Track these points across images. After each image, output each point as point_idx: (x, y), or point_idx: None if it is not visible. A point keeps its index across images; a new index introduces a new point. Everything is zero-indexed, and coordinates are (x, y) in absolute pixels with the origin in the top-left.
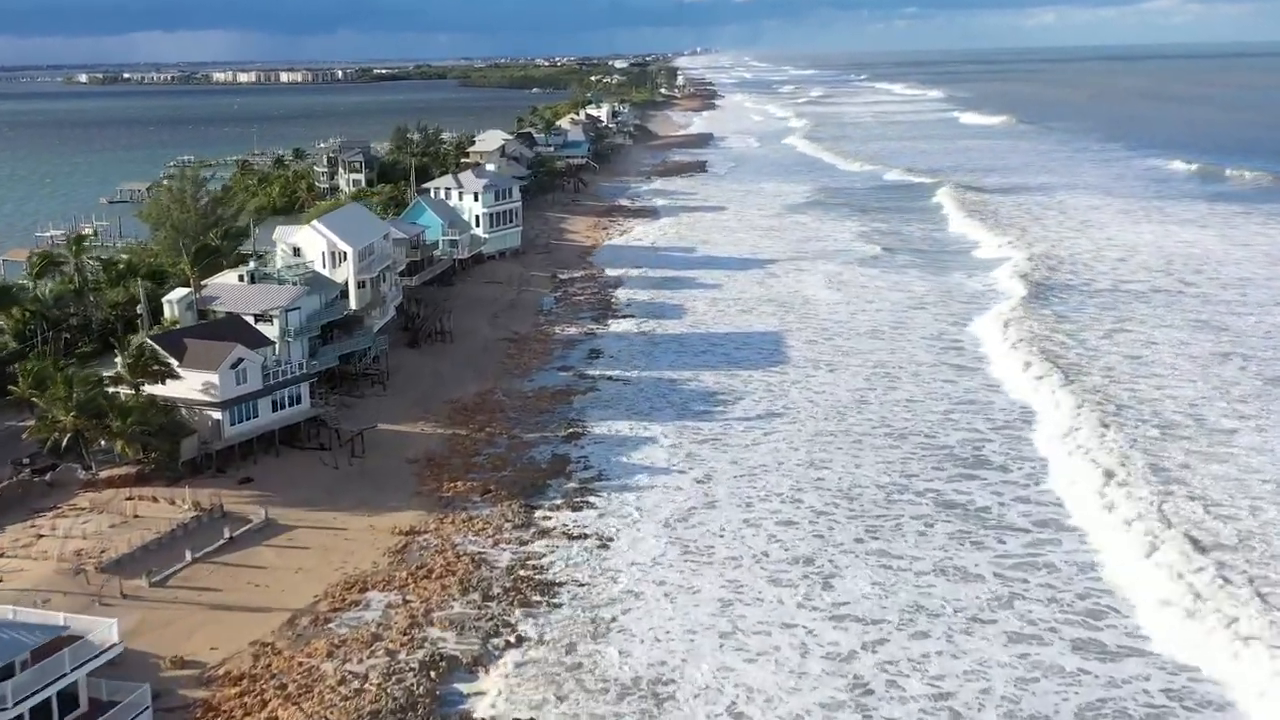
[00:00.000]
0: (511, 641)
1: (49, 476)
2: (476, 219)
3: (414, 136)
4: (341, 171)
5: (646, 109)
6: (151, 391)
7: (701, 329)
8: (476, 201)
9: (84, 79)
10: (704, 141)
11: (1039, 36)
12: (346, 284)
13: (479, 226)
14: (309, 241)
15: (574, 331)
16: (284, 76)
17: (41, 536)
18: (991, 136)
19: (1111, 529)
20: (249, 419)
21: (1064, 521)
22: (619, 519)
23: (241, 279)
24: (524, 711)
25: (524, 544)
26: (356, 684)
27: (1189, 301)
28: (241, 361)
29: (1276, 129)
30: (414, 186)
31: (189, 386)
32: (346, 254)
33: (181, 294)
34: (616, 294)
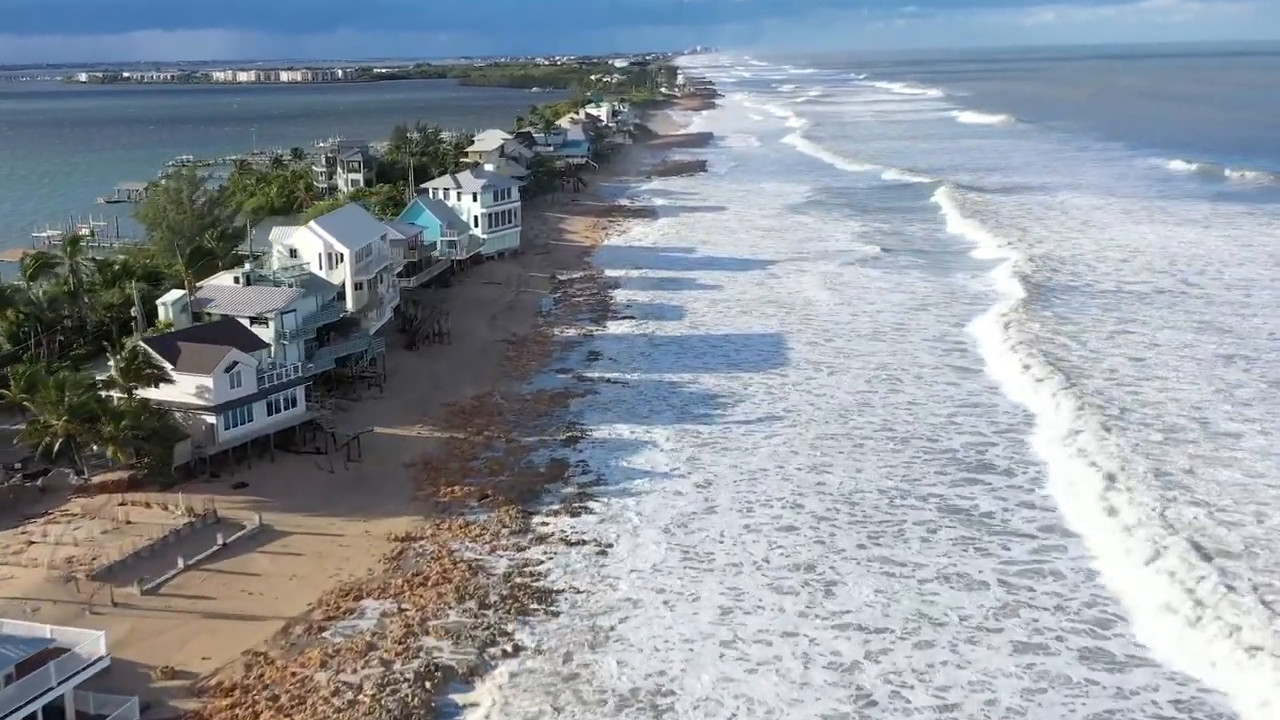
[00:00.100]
0: (508, 651)
1: (40, 481)
2: (475, 219)
3: (413, 136)
4: (340, 171)
5: (646, 108)
6: (145, 395)
7: (701, 330)
8: (475, 202)
9: (83, 78)
10: (704, 141)
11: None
12: (343, 286)
13: (477, 227)
14: (305, 243)
15: (573, 333)
16: (284, 76)
17: (32, 543)
18: (991, 136)
19: (1115, 535)
20: (244, 423)
21: (1069, 528)
22: (618, 524)
23: (237, 281)
24: None
25: (521, 550)
26: (350, 695)
27: (1192, 303)
28: (236, 365)
29: (1277, 128)
30: (412, 186)
31: (183, 390)
32: (343, 255)
33: (176, 296)
34: (616, 295)
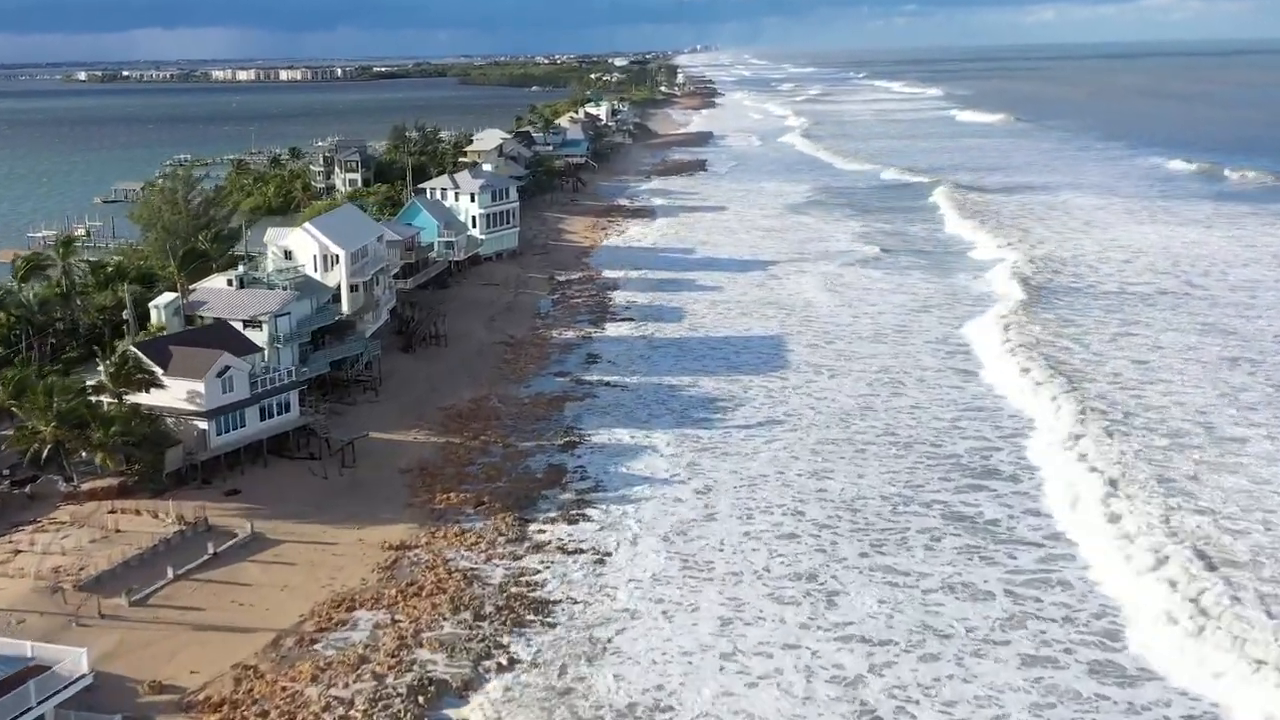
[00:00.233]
0: (503, 664)
1: (29, 489)
2: (473, 220)
3: (412, 135)
4: (337, 171)
5: (646, 107)
6: (135, 400)
7: (701, 332)
8: (473, 202)
9: (83, 77)
10: (704, 140)
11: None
12: (339, 288)
13: (475, 228)
14: (300, 244)
15: (571, 335)
16: (283, 74)
17: (19, 552)
18: (991, 135)
19: (1120, 544)
20: (236, 428)
21: (1076, 535)
22: (616, 532)
23: (230, 283)
24: None
25: (518, 559)
26: (341, 710)
27: (1196, 304)
28: (228, 369)
29: (1278, 127)
30: (410, 186)
31: (174, 395)
32: (339, 257)
33: (169, 299)
34: (615, 296)
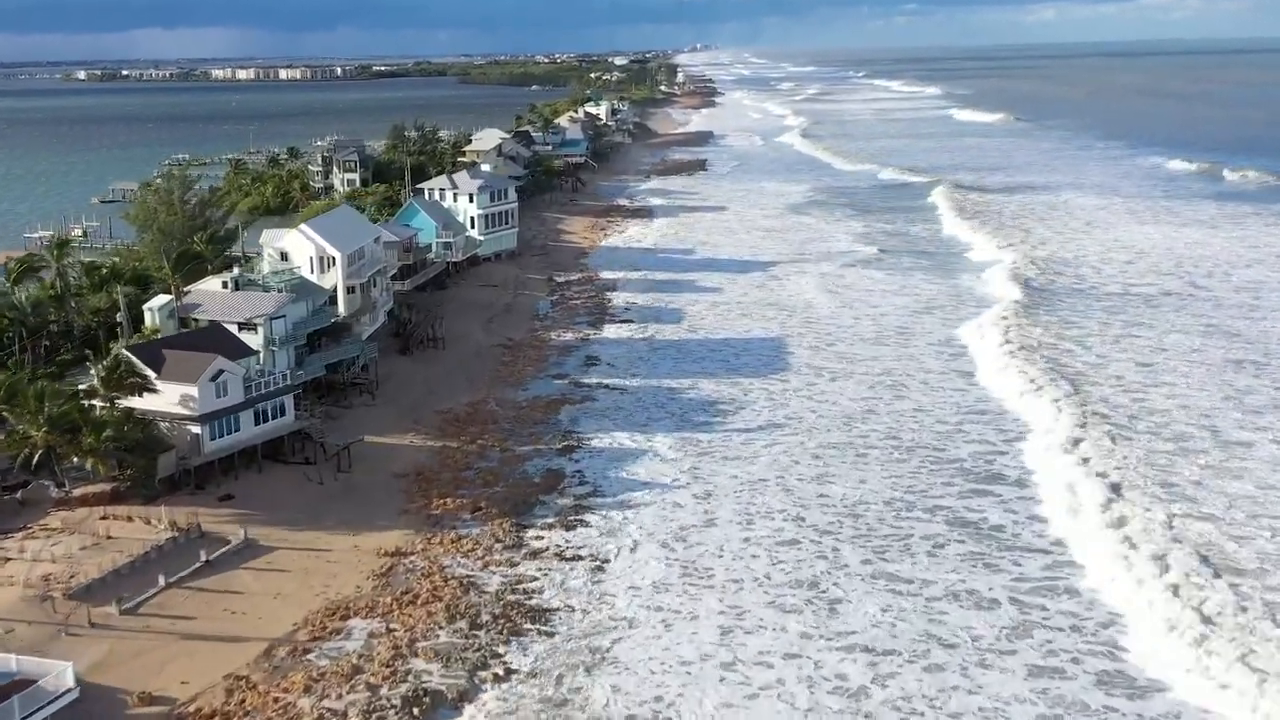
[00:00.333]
0: (500, 675)
1: (20, 494)
2: (471, 220)
3: (411, 135)
4: (336, 171)
5: (646, 106)
6: (128, 405)
7: (700, 334)
8: (471, 203)
9: (82, 76)
10: (704, 139)
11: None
12: (335, 290)
13: (474, 228)
14: (296, 246)
15: (570, 337)
16: (283, 74)
17: (9, 559)
18: (990, 134)
19: (1124, 550)
20: (230, 433)
21: (1082, 542)
22: (614, 538)
23: (225, 286)
24: None
25: (514, 566)
26: None
27: (1200, 305)
28: (222, 373)
29: (1278, 126)
30: (409, 186)
31: (167, 400)
32: (335, 259)
33: (163, 301)
34: (614, 297)
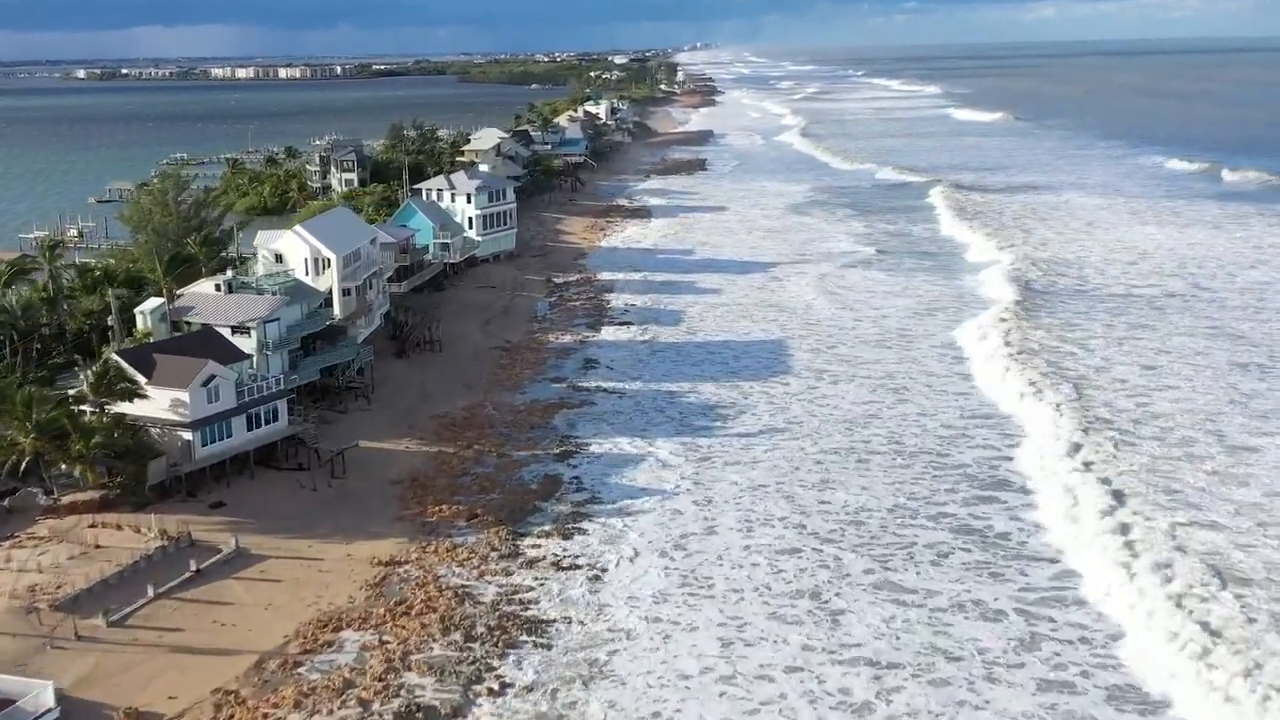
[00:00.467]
0: (494, 689)
1: (7, 502)
2: (469, 221)
3: (410, 134)
4: (334, 171)
5: (646, 105)
6: (118, 410)
7: (700, 336)
8: (469, 203)
9: (82, 74)
10: (704, 139)
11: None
12: (330, 292)
13: (472, 229)
14: (291, 248)
15: (569, 339)
16: (283, 72)
17: None
18: (989, 134)
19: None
20: (222, 439)
21: (1089, 550)
22: (613, 546)
23: (218, 288)
24: None
25: (510, 575)
26: None
27: (1204, 307)
28: (214, 378)
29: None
30: (407, 186)
31: (158, 405)
32: (330, 261)
33: (155, 304)
34: (613, 299)
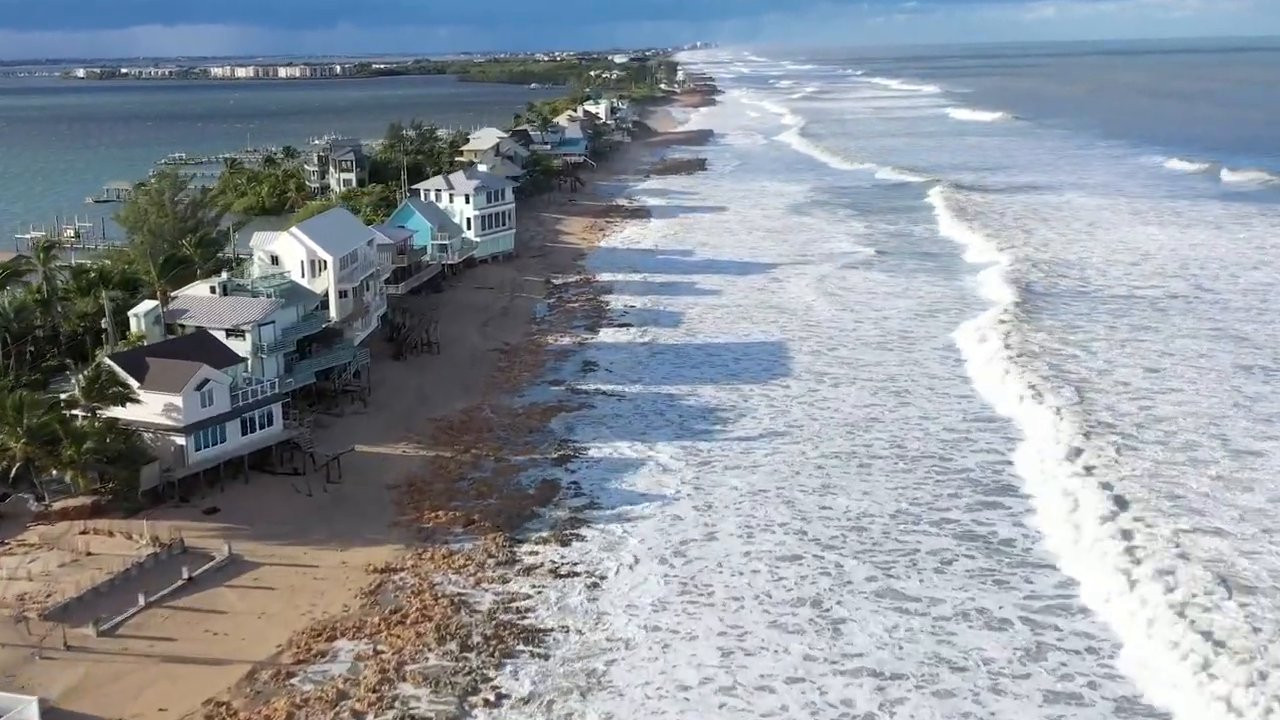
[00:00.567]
0: (490, 700)
1: None
2: (467, 222)
3: (409, 134)
4: (332, 171)
5: (646, 105)
6: (110, 415)
7: (700, 338)
8: (467, 204)
9: (81, 74)
10: (703, 138)
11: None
12: (327, 294)
13: (470, 229)
14: (287, 249)
15: (568, 341)
16: (282, 72)
17: None
18: (989, 133)
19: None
20: (216, 444)
21: (1094, 558)
22: (611, 553)
23: (213, 291)
24: None
25: (507, 583)
26: None
27: (1207, 308)
28: (208, 383)
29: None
30: (405, 186)
31: (150, 410)
32: (326, 262)
33: (148, 307)
34: (612, 300)
